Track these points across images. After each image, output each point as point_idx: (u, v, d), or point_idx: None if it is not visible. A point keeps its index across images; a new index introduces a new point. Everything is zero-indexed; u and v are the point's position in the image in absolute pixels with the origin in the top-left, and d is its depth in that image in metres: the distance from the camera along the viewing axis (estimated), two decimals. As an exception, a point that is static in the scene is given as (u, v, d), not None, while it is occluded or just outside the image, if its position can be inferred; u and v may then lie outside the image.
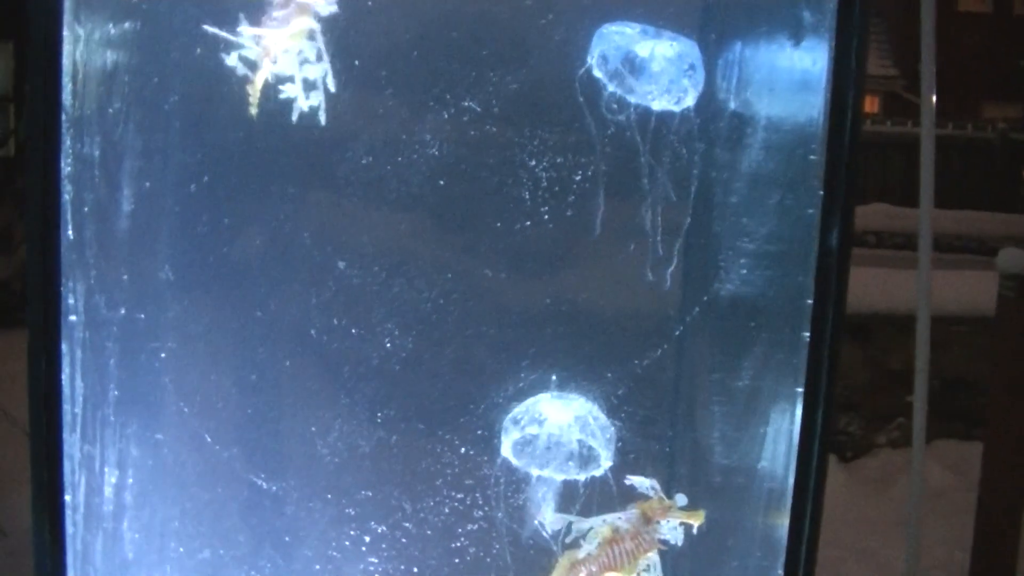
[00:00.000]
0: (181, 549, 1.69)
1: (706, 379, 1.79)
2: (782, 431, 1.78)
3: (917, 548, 3.96)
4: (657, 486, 1.73)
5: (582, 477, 1.73)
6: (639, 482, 1.71)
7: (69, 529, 1.64)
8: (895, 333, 4.63)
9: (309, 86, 1.57)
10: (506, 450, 1.69)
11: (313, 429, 1.67)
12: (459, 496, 1.68)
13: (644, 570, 1.77)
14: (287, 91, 1.57)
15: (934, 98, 2.70)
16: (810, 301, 1.69)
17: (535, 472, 1.71)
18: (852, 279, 1.70)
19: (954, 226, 6.32)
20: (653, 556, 1.77)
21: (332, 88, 1.57)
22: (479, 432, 1.67)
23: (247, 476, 1.68)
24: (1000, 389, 3.49)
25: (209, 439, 1.67)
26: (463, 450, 1.67)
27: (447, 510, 1.68)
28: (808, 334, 1.68)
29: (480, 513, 1.68)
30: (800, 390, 1.70)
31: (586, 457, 1.73)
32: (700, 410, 1.81)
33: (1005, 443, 3.41)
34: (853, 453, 4.78)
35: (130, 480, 1.69)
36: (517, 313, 1.69)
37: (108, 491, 1.68)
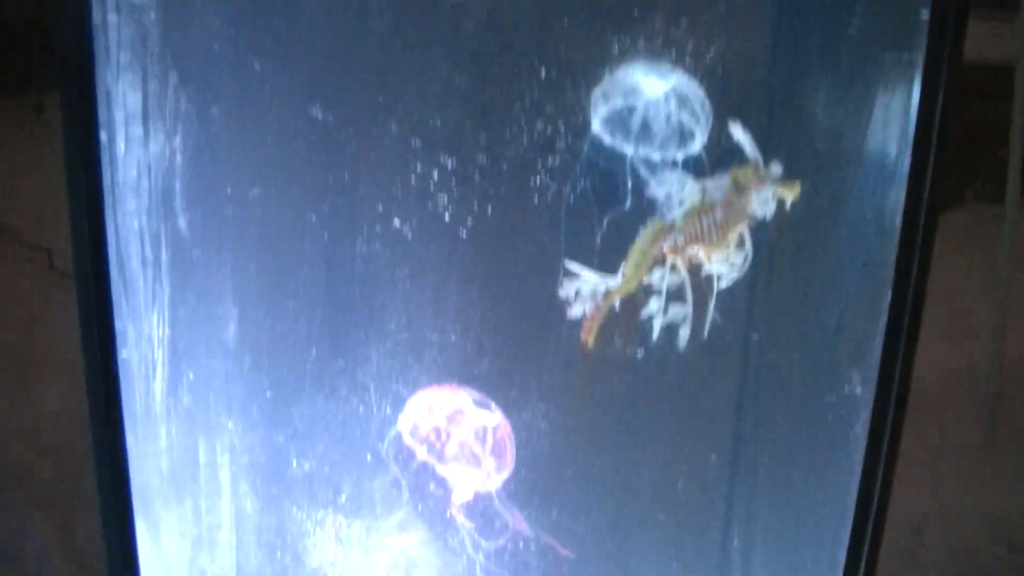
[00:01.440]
0: (230, 191, 1.54)
1: (815, 31, 1.57)
2: (896, 99, 1.57)
3: (1006, 303, 3.78)
4: (756, 148, 1.55)
5: (677, 156, 1.54)
6: (741, 137, 1.53)
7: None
8: (991, 84, 4.33)
9: None
10: (596, 126, 1.51)
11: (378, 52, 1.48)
12: (539, 126, 1.49)
13: (735, 245, 1.61)
14: None
15: None
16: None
17: (628, 151, 1.53)
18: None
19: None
20: (744, 232, 1.60)
21: None
22: (560, 53, 1.47)
23: (303, 107, 1.50)
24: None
25: (259, 68, 1.49)
26: (543, 73, 1.48)
27: (525, 140, 1.50)
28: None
29: (562, 144, 1.50)
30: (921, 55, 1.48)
31: (682, 133, 1.54)
32: (804, 72, 1.59)
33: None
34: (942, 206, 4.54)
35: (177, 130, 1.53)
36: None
37: (157, 153, 1.52)
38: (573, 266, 1.57)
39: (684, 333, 1.63)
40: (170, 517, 1.70)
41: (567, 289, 1.59)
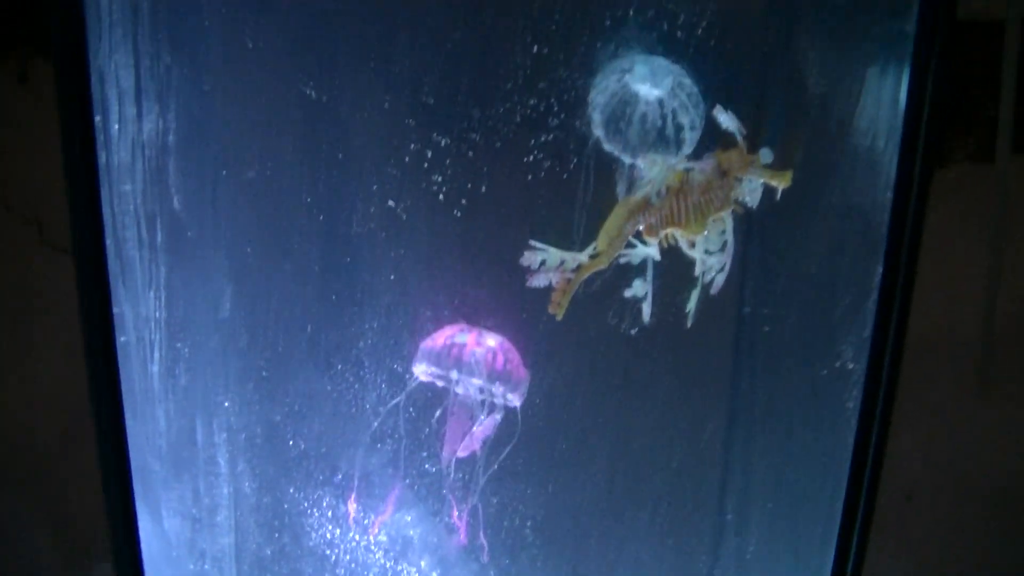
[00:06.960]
0: (224, 172, 1.53)
1: (806, 12, 1.54)
2: (888, 76, 1.55)
3: (998, 267, 3.76)
4: (744, 132, 1.52)
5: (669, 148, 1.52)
6: (726, 120, 1.50)
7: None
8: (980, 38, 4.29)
9: None
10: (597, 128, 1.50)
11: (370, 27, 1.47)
12: (532, 102, 1.48)
13: (715, 232, 1.58)
14: None
15: None
16: None
17: (626, 160, 1.51)
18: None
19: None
20: (726, 218, 1.57)
21: None
22: (553, 27, 1.45)
23: (297, 86, 1.49)
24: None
25: (251, 46, 1.48)
26: (535, 49, 1.46)
27: (519, 118, 1.49)
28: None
29: (555, 122, 1.49)
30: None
31: (676, 127, 1.52)
32: (796, 51, 1.57)
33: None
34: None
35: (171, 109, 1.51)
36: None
37: (148, 122, 1.51)
38: (536, 243, 1.55)
39: (647, 310, 1.60)
40: (170, 498, 1.71)
41: (529, 258, 1.57)
